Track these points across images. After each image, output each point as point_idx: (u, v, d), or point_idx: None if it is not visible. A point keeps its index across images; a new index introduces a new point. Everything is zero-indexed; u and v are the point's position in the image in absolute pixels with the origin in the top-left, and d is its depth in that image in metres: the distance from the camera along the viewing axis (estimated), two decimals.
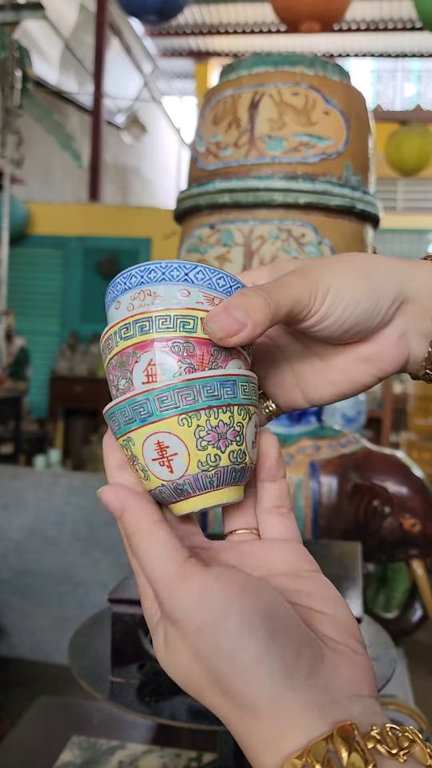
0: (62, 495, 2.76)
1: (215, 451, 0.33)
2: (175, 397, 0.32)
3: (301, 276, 0.35)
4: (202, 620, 0.29)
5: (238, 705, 0.29)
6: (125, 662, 0.76)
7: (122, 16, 7.21)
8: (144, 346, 0.33)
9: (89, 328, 5.90)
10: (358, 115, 1.03)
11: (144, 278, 0.35)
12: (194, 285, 0.34)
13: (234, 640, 0.29)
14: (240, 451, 0.34)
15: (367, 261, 0.36)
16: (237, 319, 0.32)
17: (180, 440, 0.32)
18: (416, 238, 8.70)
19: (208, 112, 1.06)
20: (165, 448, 0.33)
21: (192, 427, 0.32)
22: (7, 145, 4.09)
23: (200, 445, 0.33)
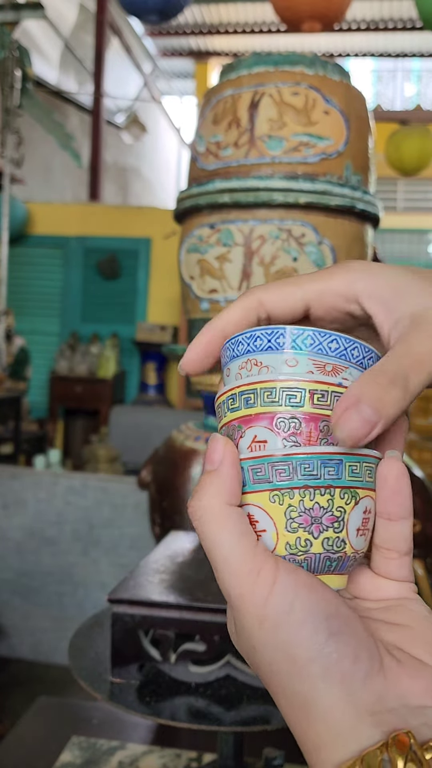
0: (62, 495, 2.76)
1: (306, 536, 0.30)
2: (270, 471, 0.30)
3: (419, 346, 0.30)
4: (265, 613, 0.28)
5: (292, 704, 0.28)
6: (125, 662, 0.76)
7: (122, 16, 7.21)
8: (248, 421, 0.31)
9: (89, 328, 5.90)
10: (358, 115, 1.03)
11: (250, 346, 0.32)
12: (302, 352, 0.31)
13: (293, 636, 0.28)
14: (337, 539, 0.31)
15: None
16: (367, 420, 0.28)
17: (269, 517, 0.30)
18: (416, 238, 8.70)
19: (208, 112, 1.06)
20: (255, 522, 0.31)
21: (283, 506, 0.30)
22: (7, 145, 4.09)
23: (290, 527, 0.30)
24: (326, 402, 0.31)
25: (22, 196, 5.68)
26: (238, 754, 0.79)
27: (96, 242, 5.91)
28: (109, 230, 5.91)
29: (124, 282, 5.90)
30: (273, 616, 0.28)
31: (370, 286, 0.32)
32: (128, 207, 6.54)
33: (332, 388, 0.31)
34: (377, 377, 0.29)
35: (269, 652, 0.28)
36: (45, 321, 6.02)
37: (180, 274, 1.10)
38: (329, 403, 0.31)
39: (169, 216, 1.37)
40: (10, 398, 4.44)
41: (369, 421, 0.28)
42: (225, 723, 0.70)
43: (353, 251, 1.02)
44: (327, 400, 0.31)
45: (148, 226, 5.82)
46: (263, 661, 0.29)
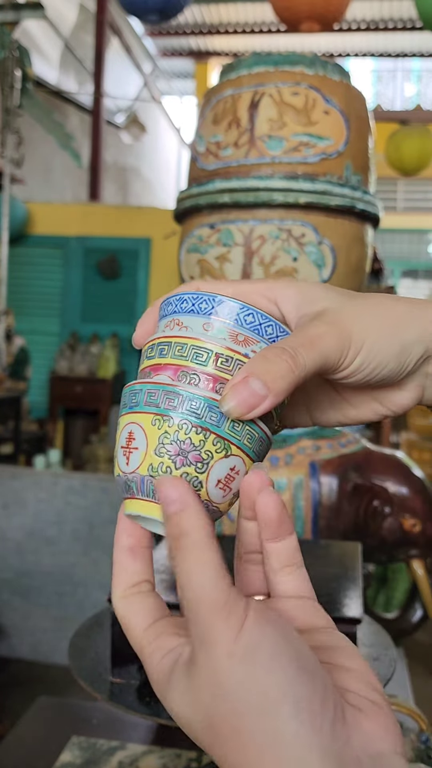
0: (62, 495, 2.76)
1: (168, 463, 0.32)
2: (161, 397, 0.33)
3: (334, 328, 0.33)
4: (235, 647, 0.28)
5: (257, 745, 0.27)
6: (125, 662, 0.76)
7: (122, 15, 7.21)
8: (157, 369, 0.34)
9: (89, 328, 5.90)
10: (358, 115, 1.03)
11: (177, 307, 0.36)
12: (219, 319, 0.34)
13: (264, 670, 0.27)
14: (195, 479, 0.32)
15: (399, 312, 0.35)
16: (255, 391, 0.30)
17: (145, 437, 0.33)
18: (416, 238, 8.70)
19: (208, 112, 1.06)
20: (132, 439, 0.33)
21: (161, 431, 0.32)
22: (7, 145, 4.09)
23: (158, 451, 0.32)
24: (228, 367, 0.33)
25: (22, 196, 5.68)
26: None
27: (96, 242, 5.91)
28: (109, 230, 5.91)
29: (124, 282, 5.90)
30: (242, 651, 0.27)
31: (287, 291, 0.36)
32: (128, 207, 6.54)
33: (237, 356, 0.33)
34: (269, 352, 0.32)
35: (237, 689, 0.27)
36: (45, 321, 6.02)
37: (180, 274, 1.10)
38: (231, 369, 0.33)
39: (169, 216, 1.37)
40: (10, 398, 4.43)
41: (257, 394, 0.30)
42: None
43: (353, 251, 1.02)
44: (230, 365, 0.33)
45: (148, 226, 5.82)
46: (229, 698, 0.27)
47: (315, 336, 0.33)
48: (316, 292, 0.36)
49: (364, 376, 0.34)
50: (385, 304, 0.35)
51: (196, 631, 0.29)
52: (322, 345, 0.32)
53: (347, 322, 0.33)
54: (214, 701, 0.28)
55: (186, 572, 0.30)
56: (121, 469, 0.34)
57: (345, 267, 1.01)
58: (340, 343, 0.33)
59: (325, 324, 0.33)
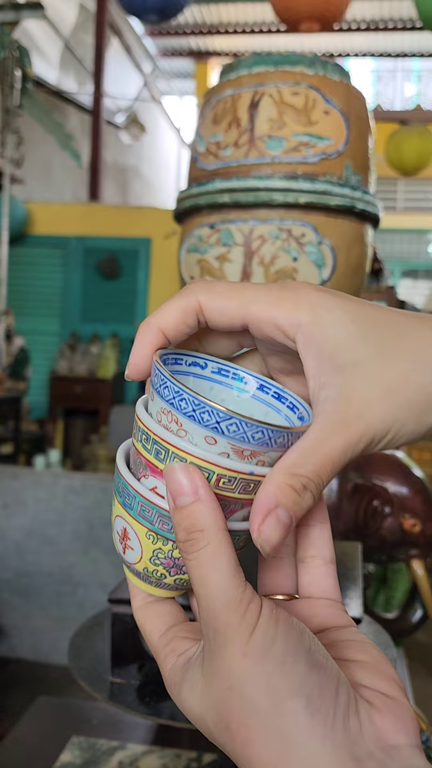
0: (62, 495, 2.76)
1: (163, 571, 0.34)
2: (155, 518, 0.32)
3: (354, 430, 0.30)
4: (248, 647, 0.28)
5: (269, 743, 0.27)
6: (125, 662, 0.76)
7: (122, 15, 7.21)
8: (154, 470, 0.32)
9: (89, 328, 5.90)
10: (358, 115, 1.03)
11: (175, 401, 0.31)
12: (224, 436, 0.30)
13: (276, 668, 0.27)
14: (187, 581, 0.34)
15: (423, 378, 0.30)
16: (284, 523, 0.29)
17: (140, 544, 0.34)
18: (416, 238, 8.70)
19: (208, 112, 1.06)
20: (127, 537, 0.34)
21: (155, 546, 0.33)
22: (7, 144, 4.09)
23: (154, 561, 0.34)
24: (231, 486, 0.31)
25: (22, 196, 5.68)
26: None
27: (96, 242, 5.91)
28: (109, 230, 5.91)
29: (124, 282, 5.90)
30: (255, 650, 0.28)
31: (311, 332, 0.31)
32: (128, 207, 6.54)
33: (241, 476, 0.31)
34: (293, 482, 0.29)
35: (250, 686, 0.28)
36: (45, 321, 6.02)
37: (180, 274, 1.10)
38: (233, 488, 0.31)
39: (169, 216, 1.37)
40: (10, 398, 4.43)
41: (285, 525, 0.29)
42: None
43: (353, 251, 1.02)
44: (233, 485, 0.31)
45: (148, 226, 5.82)
46: (242, 696, 0.28)
47: (334, 452, 0.30)
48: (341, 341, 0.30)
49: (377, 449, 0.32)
50: (416, 364, 0.30)
51: (211, 629, 0.29)
52: (341, 460, 0.30)
53: (368, 413, 0.30)
54: (227, 698, 0.28)
55: (200, 569, 0.29)
56: (118, 551, 0.36)
57: (345, 267, 1.01)
58: (361, 447, 0.30)
59: (345, 427, 0.30)
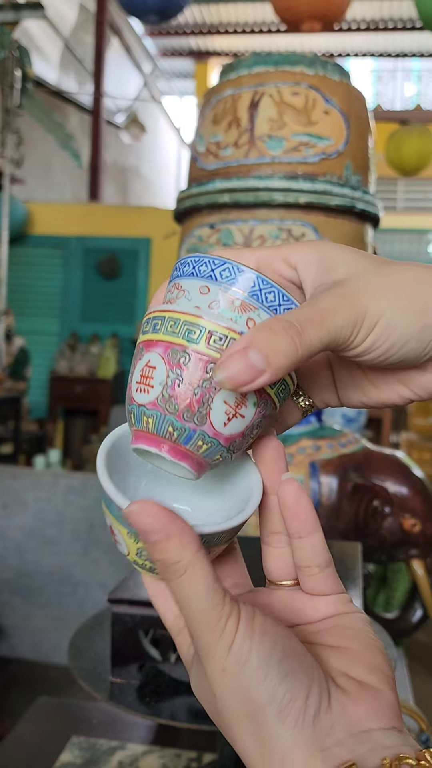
0: (62, 495, 2.76)
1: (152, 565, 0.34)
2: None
3: (346, 301, 0.30)
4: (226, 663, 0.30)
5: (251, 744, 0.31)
6: (125, 662, 0.76)
7: (122, 16, 7.21)
8: (149, 345, 0.32)
9: (89, 328, 5.90)
10: (358, 115, 1.03)
11: (179, 271, 0.34)
12: (216, 282, 0.32)
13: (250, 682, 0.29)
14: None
15: (421, 286, 0.32)
16: (253, 365, 0.28)
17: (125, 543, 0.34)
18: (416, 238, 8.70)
19: (208, 112, 1.06)
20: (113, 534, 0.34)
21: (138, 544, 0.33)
22: (7, 144, 4.09)
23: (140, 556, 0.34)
24: (222, 346, 0.31)
25: (22, 196, 5.68)
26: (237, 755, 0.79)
27: (96, 242, 5.91)
28: (109, 230, 5.90)
29: (124, 282, 5.90)
30: (233, 665, 0.29)
31: (309, 257, 0.34)
32: (128, 207, 6.54)
33: (232, 335, 0.31)
34: (273, 324, 0.29)
35: (230, 698, 0.30)
36: (45, 321, 6.02)
37: None
38: (224, 348, 0.31)
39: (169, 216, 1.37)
40: (10, 398, 4.43)
41: (255, 368, 0.28)
42: None
43: None
44: (223, 344, 0.31)
45: (148, 226, 5.82)
46: (224, 707, 0.31)
47: (325, 310, 0.30)
48: (339, 258, 0.33)
49: (378, 354, 0.31)
50: (414, 277, 0.32)
51: (197, 645, 0.31)
52: (331, 321, 0.30)
53: (363, 295, 0.31)
54: (216, 703, 0.31)
55: (180, 593, 0.30)
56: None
57: None
58: (352, 318, 0.30)
59: (338, 297, 0.30)
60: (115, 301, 5.91)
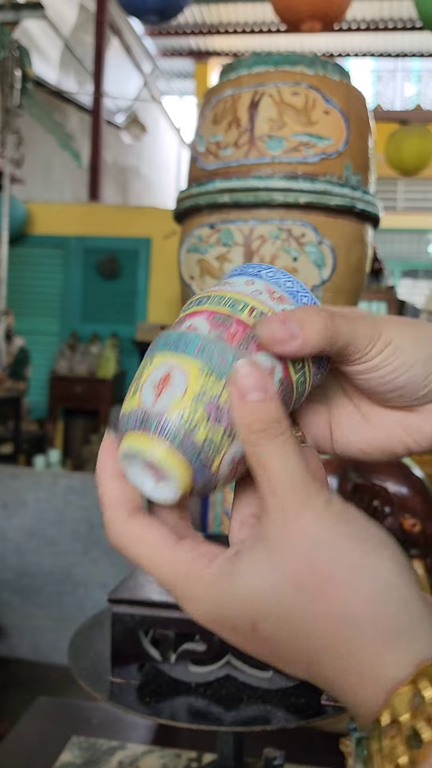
0: (62, 495, 2.76)
1: (202, 415, 0.31)
2: (215, 352, 0.32)
3: (368, 321, 0.34)
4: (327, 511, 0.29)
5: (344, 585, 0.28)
6: (125, 662, 0.76)
7: (122, 16, 7.21)
8: (192, 315, 0.34)
9: (89, 328, 5.90)
10: (358, 115, 1.03)
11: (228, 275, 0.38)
12: (261, 279, 0.36)
13: (359, 528, 0.29)
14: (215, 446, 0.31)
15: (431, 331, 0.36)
16: (290, 329, 0.31)
17: (185, 385, 0.31)
18: (416, 237, 8.70)
19: (208, 112, 1.06)
20: (167, 382, 0.31)
21: (207, 380, 0.31)
22: (7, 145, 4.09)
23: (197, 401, 0.31)
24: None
25: (22, 196, 5.68)
26: (238, 754, 0.79)
27: (96, 242, 5.91)
28: (109, 230, 5.90)
29: (124, 282, 5.90)
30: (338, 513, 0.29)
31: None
32: (128, 207, 6.55)
33: (271, 311, 0.34)
34: (308, 307, 0.34)
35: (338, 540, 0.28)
36: (45, 321, 6.02)
37: (180, 274, 1.10)
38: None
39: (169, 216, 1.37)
40: (10, 398, 4.43)
41: (291, 332, 0.31)
42: (225, 723, 0.70)
43: (353, 251, 1.02)
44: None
45: (148, 226, 5.82)
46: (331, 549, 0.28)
47: (351, 317, 0.34)
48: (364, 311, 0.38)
49: (386, 373, 0.34)
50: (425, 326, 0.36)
51: (287, 500, 0.29)
52: (355, 325, 0.33)
53: (381, 322, 0.34)
54: (311, 557, 0.28)
55: (272, 454, 0.29)
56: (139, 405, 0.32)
57: (345, 267, 1.01)
58: (371, 332, 0.33)
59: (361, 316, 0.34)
60: (115, 301, 5.91)
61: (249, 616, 0.29)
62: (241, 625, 0.29)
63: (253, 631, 0.29)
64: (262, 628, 0.29)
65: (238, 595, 0.29)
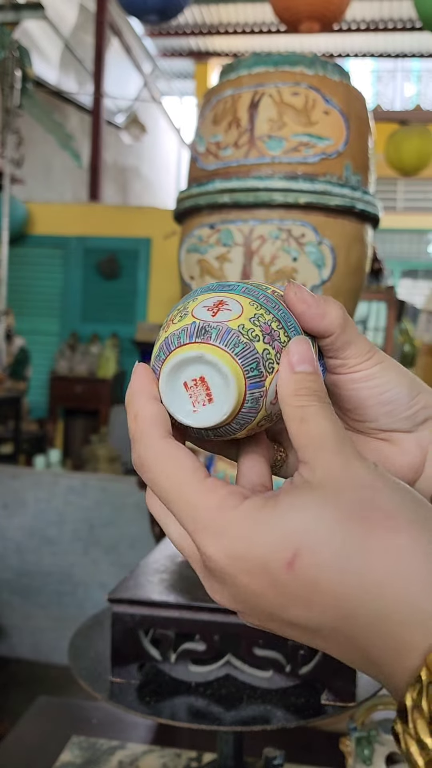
0: (62, 495, 2.76)
1: (258, 334, 0.31)
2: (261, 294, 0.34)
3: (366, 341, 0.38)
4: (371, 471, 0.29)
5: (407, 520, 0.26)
6: (125, 662, 0.76)
7: (122, 16, 7.21)
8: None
9: (89, 328, 5.90)
10: (358, 115, 1.03)
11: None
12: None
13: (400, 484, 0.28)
14: (270, 360, 0.31)
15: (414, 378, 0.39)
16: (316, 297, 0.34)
17: (242, 308, 0.32)
18: (416, 238, 8.70)
19: (208, 112, 1.06)
20: (224, 304, 0.32)
21: (258, 311, 0.32)
22: (7, 145, 4.09)
23: (253, 322, 0.31)
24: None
25: (22, 196, 5.68)
26: (238, 754, 0.79)
27: (96, 242, 5.91)
28: (109, 230, 5.90)
29: (124, 282, 5.90)
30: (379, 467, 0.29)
31: None
32: (128, 207, 6.54)
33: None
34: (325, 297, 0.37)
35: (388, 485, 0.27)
36: (45, 321, 6.02)
37: (180, 274, 1.10)
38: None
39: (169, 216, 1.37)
40: (10, 398, 4.43)
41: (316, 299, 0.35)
42: (225, 723, 0.70)
43: (353, 251, 1.02)
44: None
45: (148, 226, 5.82)
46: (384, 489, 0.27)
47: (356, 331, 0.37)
48: None
49: (378, 384, 0.36)
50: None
51: (331, 451, 0.28)
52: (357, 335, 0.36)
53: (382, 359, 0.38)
54: (369, 493, 0.26)
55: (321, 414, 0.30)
56: (200, 317, 0.31)
57: (345, 267, 1.01)
58: (368, 345, 0.37)
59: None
60: (115, 301, 5.91)
61: (290, 544, 0.25)
62: (276, 559, 0.26)
63: (289, 566, 0.25)
64: (304, 559, 0.25)
65: (277, 524, 0.26)
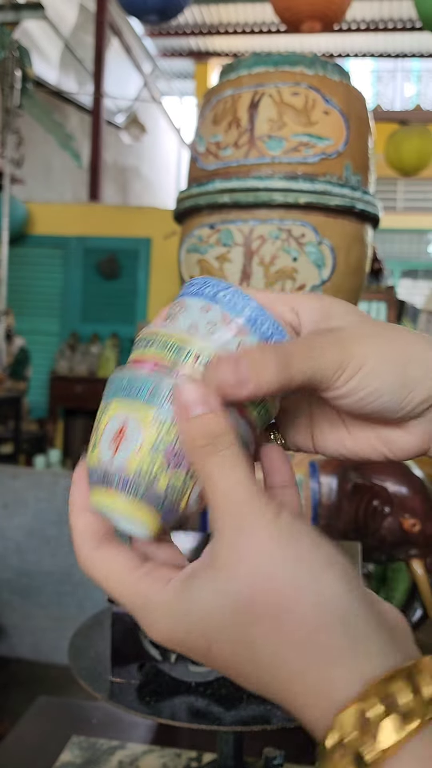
0: (62, 495, 2.76)
1: (161, 464, 0.31)
2: (165, 398, 0.31)
3: (336, 344, 0.32)
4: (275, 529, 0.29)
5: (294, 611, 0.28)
6: (125, 662, 0.76)
7: (122, 16, 7.21)
8: (138, 363, 0.33)
9: (89, 328, 5.90)
10: (358, 115, 1.03)
11: (185, 290, 0.35)
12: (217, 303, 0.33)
13: (309, 545, 0.29)
14: (178, 490, 0.31)
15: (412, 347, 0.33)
16: (240, 374, 0.29)
17: (142, 435, 0.31)
18: (416, 238, 8.71)
19: (208, 112, 1.06)
20: (123, 434, 0.32)
21: (160, 431, 0.31)
22: (7, 145, 4.09)
23: (155, 450, 0.31)
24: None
25: (22, 196, 5.68)
26: (238, 754, 0.79)
27: (96, 242, 5.91)
28: (109, 230, 5.91)
29: (124, 282, 5.90)
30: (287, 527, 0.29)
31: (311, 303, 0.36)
32: (128, 207, 6.55)
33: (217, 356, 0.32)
34: (263, 347, 0.31)
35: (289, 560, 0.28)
36: (45, 321, 6.02)
37: (180, 274, 1.10)
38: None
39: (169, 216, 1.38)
40: (10, 398, 4.44)
41: (241, 377, 0.29)
42: (225, 722, 0.70)
43: (353, 251, 1.02)
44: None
45: (148, 226, 5.82)
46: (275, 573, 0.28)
47: (314, 348, 0.31)
48: (338, 310, 0.35)
49: (358, 399, 0.33)
50: (401, 337, 0.34)
51: (235, 519, 0.29)
52: (318, 359, 0.31)
53: (353, 341, 0.32)
54: (255, 580, 0.28)
55: (221, 468, 0.29)
56: (99, 460, 0.33)
57: (345, 267, 1.01)
58: (338, 361, 0.31)
59: (329, 339, 0.32)
60: (115, 301, 5.91)
61: (203, 638, 0.29)
62: (196, 647, 0.30)
63: (208, 651, 0.29)
64: (216, 649, 0.29)
65: (192, 617, 0.29)
